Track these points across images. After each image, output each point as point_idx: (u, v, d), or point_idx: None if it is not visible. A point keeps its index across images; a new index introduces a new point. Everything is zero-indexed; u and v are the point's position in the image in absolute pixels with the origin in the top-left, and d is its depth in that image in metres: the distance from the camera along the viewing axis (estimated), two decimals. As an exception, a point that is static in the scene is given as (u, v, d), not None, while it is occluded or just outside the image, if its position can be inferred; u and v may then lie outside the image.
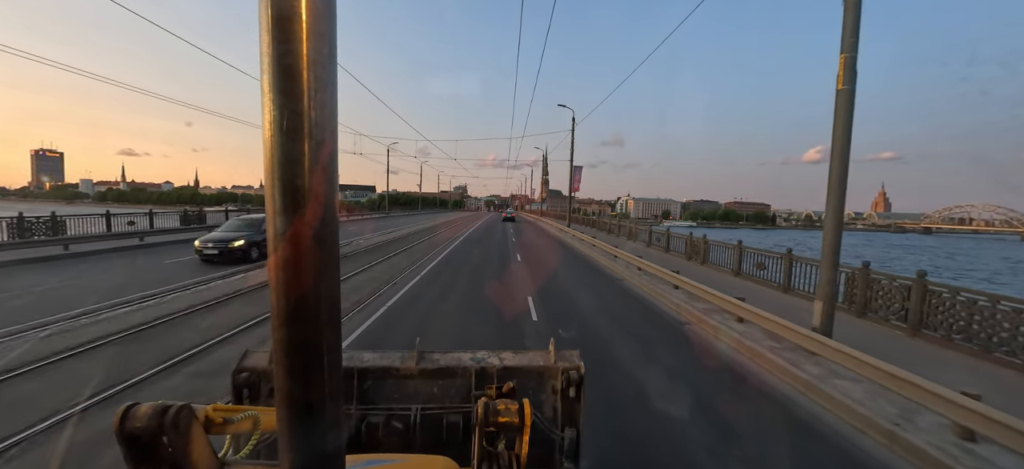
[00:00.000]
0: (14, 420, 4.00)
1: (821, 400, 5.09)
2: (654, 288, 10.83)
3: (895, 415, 4.48)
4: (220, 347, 6.16)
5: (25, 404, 4.32)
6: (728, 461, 3.87)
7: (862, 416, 4.57)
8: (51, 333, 6.38)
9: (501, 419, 1.35)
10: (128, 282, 9.92)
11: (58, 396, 4.46)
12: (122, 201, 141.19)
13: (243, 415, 1.13)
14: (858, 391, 5.02)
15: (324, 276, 0.51)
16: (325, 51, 0.47)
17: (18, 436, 3.78)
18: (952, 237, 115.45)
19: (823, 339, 5.83)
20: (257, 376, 2.01)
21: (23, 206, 63.17)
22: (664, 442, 4.12)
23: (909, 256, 59.59)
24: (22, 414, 4.11)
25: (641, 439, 4.15)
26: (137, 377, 5.03)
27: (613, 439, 4.07)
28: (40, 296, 8.57)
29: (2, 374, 4.90)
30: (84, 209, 17.77)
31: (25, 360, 5.32)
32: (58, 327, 6.67)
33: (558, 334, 7.12)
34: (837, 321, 6.64)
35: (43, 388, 4.70)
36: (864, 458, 4.06)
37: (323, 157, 0.48)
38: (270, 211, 0.48)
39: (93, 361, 5.50)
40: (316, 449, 0.54)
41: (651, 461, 3.84)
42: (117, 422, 0.94)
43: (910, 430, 4.21)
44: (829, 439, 4.36)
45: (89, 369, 5.22)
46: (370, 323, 7.58)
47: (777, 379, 5.77)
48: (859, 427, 4.53)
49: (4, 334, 6.25)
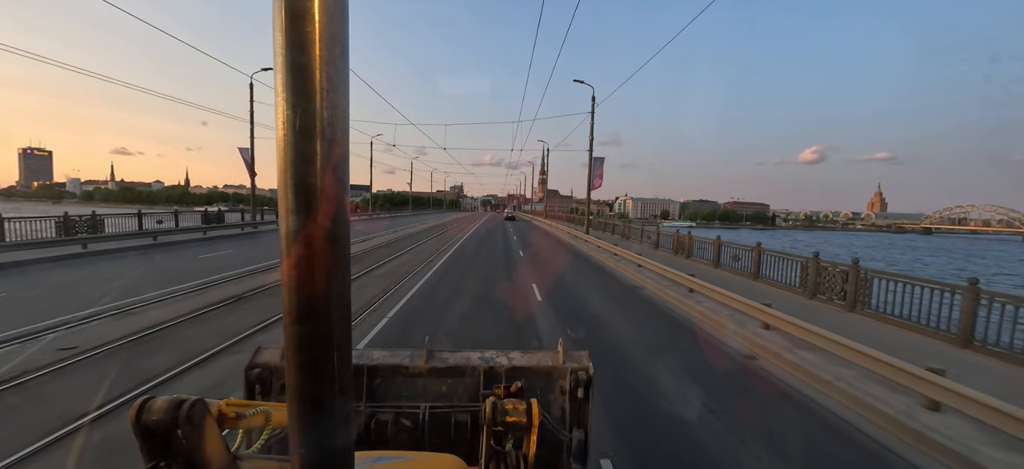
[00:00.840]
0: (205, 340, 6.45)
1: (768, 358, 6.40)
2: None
3: (789, 344, 5.81)
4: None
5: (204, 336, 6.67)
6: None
7: (793, 364, 5.90)
8: (185, 295, 9.16)
9: (509, 419, 1.37)
10: (192, 270, 11.91)
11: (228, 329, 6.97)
12: (109, 201, 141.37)
13: (255, 410, 1.17)
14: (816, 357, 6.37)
15: (335, 274, 0.53)
16: (337, 52, 0.49)
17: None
18: (961, 238, 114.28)
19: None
20: (269, 372, 2.06)
21: (8, 206, 63.13)
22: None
23: (934, 259, 56.36)
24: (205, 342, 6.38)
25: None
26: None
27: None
28: (137, 279, 10.66)
29: (187, 314, 7.71)
30: (115, 210, 19.29)
31: (184, 310, 7.88)
32: (185, 292, 9.35)
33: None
34: (792, 302, 7.94)
35: (211, 326, 7.19)
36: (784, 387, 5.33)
37: (335, 157, 0.50)
38: (283, 210, 0.50)
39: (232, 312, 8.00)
40: (326, 444, 0.56)
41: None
42: (134, 415, 0.98)
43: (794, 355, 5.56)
44: (760, 376, 5.64)
45: (234, 315, 7.76)
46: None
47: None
48: (794, 374, 5.86)
49: (168, 295, 9.05)
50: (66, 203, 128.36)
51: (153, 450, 1.00)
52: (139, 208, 21.32)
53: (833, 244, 73.32)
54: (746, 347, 6.89)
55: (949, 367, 4.60)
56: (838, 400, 5.12)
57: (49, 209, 18.63)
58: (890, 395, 4.86)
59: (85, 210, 16.63)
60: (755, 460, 3.92)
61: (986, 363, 6.05)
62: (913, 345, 6.59)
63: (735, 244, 14.05)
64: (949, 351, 6.42)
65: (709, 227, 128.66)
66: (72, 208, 24.49)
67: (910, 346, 6.48)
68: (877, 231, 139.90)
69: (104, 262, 13.14)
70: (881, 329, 7.55)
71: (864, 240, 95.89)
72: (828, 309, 8.97)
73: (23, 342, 6.05)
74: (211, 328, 6.97)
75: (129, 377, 5.03)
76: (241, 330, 6.87)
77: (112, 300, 8.16)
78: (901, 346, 6.25)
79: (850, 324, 7.68)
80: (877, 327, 7.68)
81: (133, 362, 5.49)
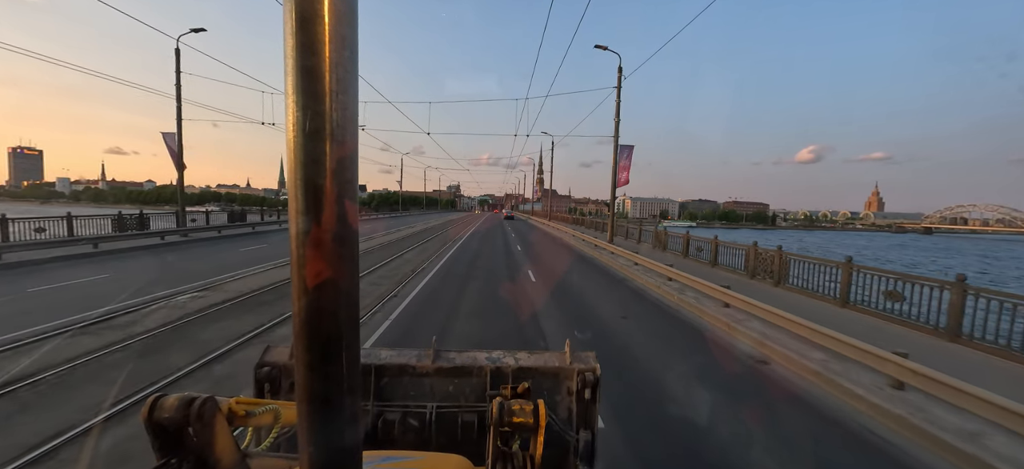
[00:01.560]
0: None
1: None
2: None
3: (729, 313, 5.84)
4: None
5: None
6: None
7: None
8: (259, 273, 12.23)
9: (516, 419, 1.38)
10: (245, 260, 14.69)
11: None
12: (99, 200, 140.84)
13: (264, 408, 1.19)
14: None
15: (343, 274, 0.54)
16: (346, 54, 0.50)
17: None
18: (966, 238, 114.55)
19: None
20: (278, 371, 2.10)
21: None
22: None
23: (955, 259, 55.75)
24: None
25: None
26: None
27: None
28: (214, 262, 13.84)
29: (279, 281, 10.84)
30: (153, 208, 21.83)
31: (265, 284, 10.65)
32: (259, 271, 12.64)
33: None
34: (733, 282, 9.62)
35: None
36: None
37: (344, 158, 0.51)
38: (293, 210, 0.51)
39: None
40: (334, 443, 0.57)
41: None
42: (145, 413, 1.01)
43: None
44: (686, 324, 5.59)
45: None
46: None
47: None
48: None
49: (247, 272, 12.28)
50: (55, 204, 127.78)
51: (164, 447, 1.03)
52: (176, 209, 22.15)
53: (842, 246, 71.20)
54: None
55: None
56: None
57: (53, 210, 20.94)
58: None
59: (133, 210, 20.01)
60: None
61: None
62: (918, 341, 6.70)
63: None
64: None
65: (710, 227, 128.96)
66: (59, 209, 25.43)
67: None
68: (878, 231, 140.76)
69: (164, 252, 16.22)
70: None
71: (868, 240, 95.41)
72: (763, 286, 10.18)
73: (184, 295, 9.21)
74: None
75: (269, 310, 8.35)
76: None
77: (214, 274, 11.49)
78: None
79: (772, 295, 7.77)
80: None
81: (265, 305, 8.84)
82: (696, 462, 3.99)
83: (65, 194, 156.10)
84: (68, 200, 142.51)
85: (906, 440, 4.41)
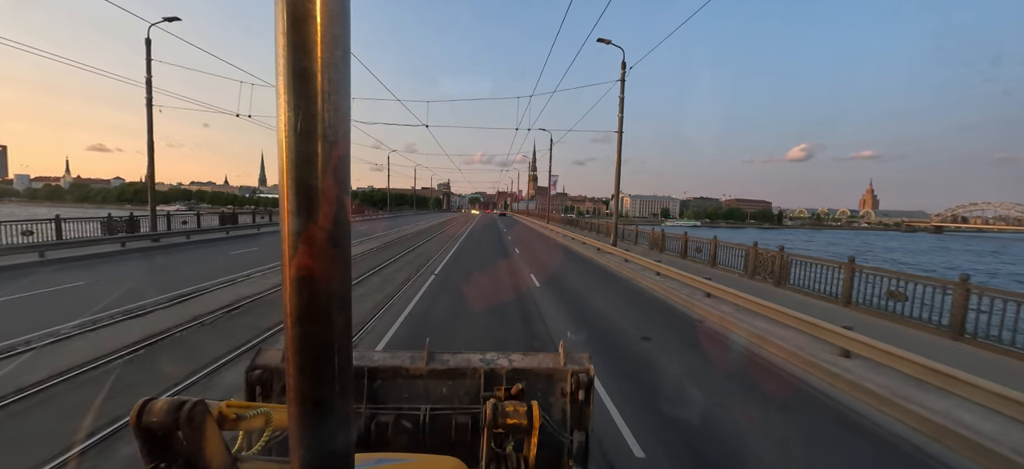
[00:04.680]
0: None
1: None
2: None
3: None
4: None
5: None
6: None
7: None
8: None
9: (510, 421, 1.43)
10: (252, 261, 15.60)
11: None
12: (54, 198, 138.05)
13: (255, 412, 1.22)
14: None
15: (336, 276, 0.55)
16: (338, 54, 0.52)
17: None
18: (986, 238, 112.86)
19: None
20: (270, 374, 2.16)
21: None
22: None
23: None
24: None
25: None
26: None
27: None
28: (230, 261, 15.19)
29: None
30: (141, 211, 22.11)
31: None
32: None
33: None
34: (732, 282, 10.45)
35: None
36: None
37: (336, 158, 0.53)
38: (285, 212, 0.53)
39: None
40: (326, 446, 0.59)
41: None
42: (134, 417, 1.03)
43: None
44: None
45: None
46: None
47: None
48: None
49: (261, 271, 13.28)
50: (7, 203, 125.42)
51: (153, 451, 1.05)
52: (130, 210, 22.87)
53: (885, 249, 67.52)
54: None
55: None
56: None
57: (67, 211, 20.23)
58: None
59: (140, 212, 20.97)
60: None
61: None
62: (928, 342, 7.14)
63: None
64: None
65: (714, 227, 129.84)
66: (18, 208, 24.99)
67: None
68: (885, 230, 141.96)
69: (173, 253, 17.50)
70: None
71: (888, 241, 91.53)
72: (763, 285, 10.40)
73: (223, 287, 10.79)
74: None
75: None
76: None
77: (234, 271, 12.89)
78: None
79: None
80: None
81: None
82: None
83: (19, 193, 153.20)
84: (22, 199, 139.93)
85: (848, 396, 5.80)
